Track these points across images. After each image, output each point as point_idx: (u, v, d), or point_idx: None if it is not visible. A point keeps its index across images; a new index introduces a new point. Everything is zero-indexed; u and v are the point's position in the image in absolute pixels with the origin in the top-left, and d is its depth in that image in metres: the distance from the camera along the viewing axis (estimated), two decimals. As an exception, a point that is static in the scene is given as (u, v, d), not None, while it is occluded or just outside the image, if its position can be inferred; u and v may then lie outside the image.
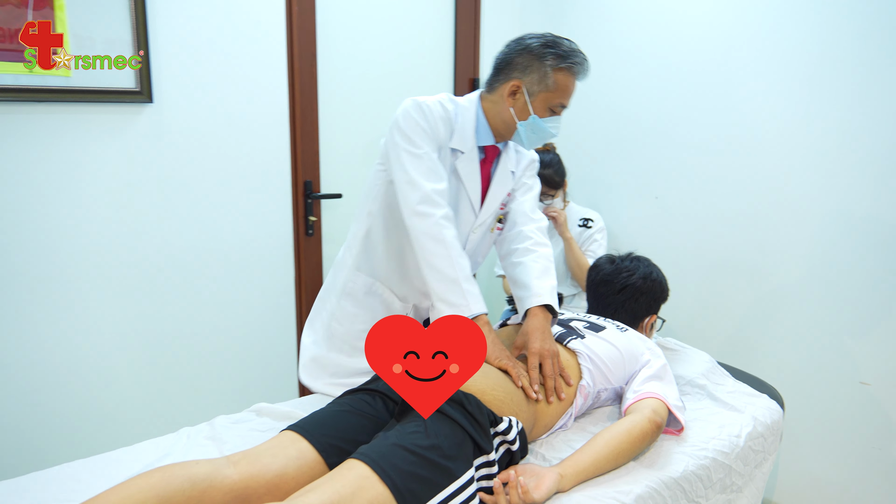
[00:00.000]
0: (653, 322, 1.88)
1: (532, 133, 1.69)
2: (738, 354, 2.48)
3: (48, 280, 2.07)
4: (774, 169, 2.32)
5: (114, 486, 1.07)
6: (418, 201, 1.54)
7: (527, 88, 1.64)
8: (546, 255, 1.76)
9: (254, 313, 2.50)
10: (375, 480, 1.12)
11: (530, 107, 1.65)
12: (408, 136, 1.60)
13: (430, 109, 1.62)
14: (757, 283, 2.41)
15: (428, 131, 1.60)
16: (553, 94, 1.64)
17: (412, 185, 1.56)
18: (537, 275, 1.68)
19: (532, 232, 1.80)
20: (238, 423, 1.51)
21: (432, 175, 1.58)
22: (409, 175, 1.57)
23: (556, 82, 1.63)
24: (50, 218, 2.04)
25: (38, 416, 2.11)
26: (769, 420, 1.67)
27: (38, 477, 1.27)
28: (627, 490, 1.32)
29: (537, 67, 1.62)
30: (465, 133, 1.68)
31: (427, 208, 1.54)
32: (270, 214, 2.50)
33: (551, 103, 1.66)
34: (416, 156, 1.58)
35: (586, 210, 2.72)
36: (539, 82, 1.63)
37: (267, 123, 2.43)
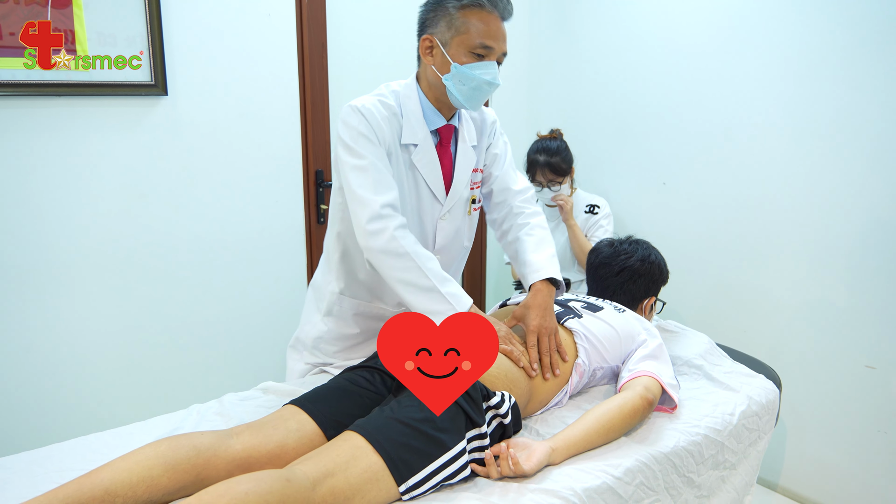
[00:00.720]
0: (652, 304, 1.91)
1: (461, 84, 1.56)
2: (743, 338, 2.50)
3: (67, 270, 2.16)
4: (781, 154, 2.32)
5: (123, 455, 1.14)
6: (368, 219, 1.49)
7: (439, 39, 1.55)
8: (539, 224, 1.77)
9: (267, 299, 2.58)
10: (369, 450, 1.18)
11: (448, 56, 1.55)
12: (349, 148, 1.54)
13: (369, 112, 1.55)
14: (763, 267, 2.43)
15: (370, 136, 1.54)
16: (466, 35, 1.53)
17: (360, 202, 1.51)
18: (533, 248, 1.71)
19: (519, 206, 1.80)
20: (245, 400, 1.58)
21: (379, 186, 1.51)
22: (355, 192, 1.51)
23: (464, 22, 1.52)
24: (68, 208, 2.13)
25: (63, 395, 2.21)
26: (764, 399, 1.70)
27: (57, 448, 1.35)
28: (617, 463, 1.36)
29: (441, 14, 1.54)
30: (413, 124, 1.62)
31: (378, 225, 1.49)
32: (282, 203, 2.57)
33: (469, 46, 1.53)
34: (359, 168, 1.52)
35: (593, 196, 2.75)
36: (448, 28, 1.54)
37: (278, 114, 2.50)
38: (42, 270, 2.11)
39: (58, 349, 2.18)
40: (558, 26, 3.08)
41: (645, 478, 1.38)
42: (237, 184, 2.44)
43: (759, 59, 2.34)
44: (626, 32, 2.79)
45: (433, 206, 1.70)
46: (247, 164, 2.45)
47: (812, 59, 2.19)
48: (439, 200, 1.70)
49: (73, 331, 2.20)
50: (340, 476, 1.12)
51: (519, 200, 1.82)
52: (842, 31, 2.11)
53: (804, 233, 2.29)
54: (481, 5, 1.52)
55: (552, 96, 3.18)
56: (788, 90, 2.27)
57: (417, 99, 1.64)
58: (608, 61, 2.88)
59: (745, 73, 2.38)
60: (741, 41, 2.39)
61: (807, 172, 2.25)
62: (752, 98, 2.38)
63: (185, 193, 2.33)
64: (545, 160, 2.57)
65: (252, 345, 2.57)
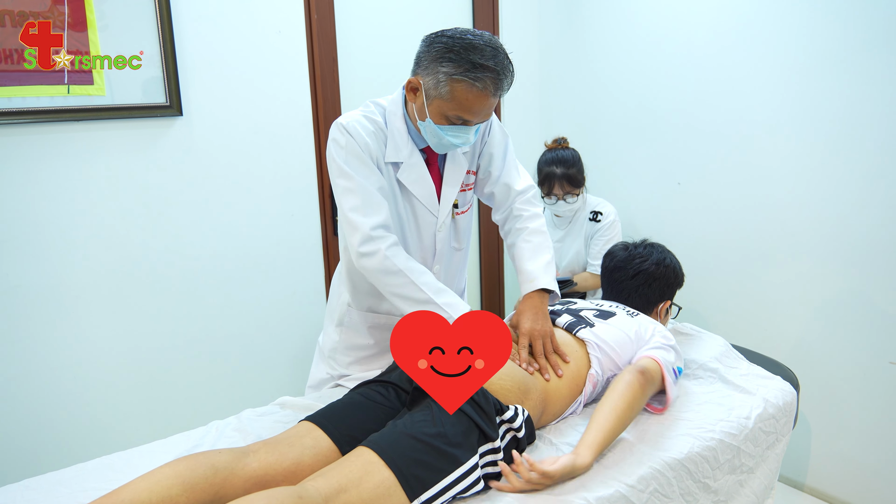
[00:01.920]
0: (667, 308, 1.90)
1: (431, 137, 1.58)
2: (762, 339, 2.47)
3: (87, 289, 2.21)
4: (796, 153, 2.30)
5: (143, 475, 1.17)
6: (360, 242, 1.53)
7: (424, 89, 1.53)
8: (536, 229, 1.76)
9: (285, 312, 2.62)
10: (381, 466, 1.19)
11: (426, 109, 1.54)
12: (339, 168, 1.55)
13: (355, 129, 1.56)
14: (780, 266, 2.40)
15: (358, 154, 1.55)
16: (447, 103, 1.50)
17: (351, 225, 1.54)
18: (529, 256, 1.71)
19: (519, 208, 1.80)
20: (263, 415, 1.61)
21: (369, 208, 1.54)
22: (346, 215, 1.54)
23: (450, 92, 1.48)
24: (87, 229, 2.18)
25: (86, 414, 2.26)
26: (781, 402, 1.68)
27: (81, 468, 1.39)
28: (630, 471, 1.36)
29: (433, 70, 1.49)
30: (398, 141, 1.62)
31: (370, 247, 1.53)
32: (298, 217, 2.60)
33: (446, 112, 1.52)
34: (349, 190, 1.54)
35: (599, 201, 2.70)
36: (434, 87, 1.50)
37: (292, 129, 2.53)
38: (62, 291, 2.17)
39: (79, 368, 2.23)
40: (568, 28, 3.07)
41: (659, 485, 1.38)
42: (253, 200, 2.48)
43: (773, 58, 2.31)
44: (637, 32, 2.78)
45: (428, 220, 1.72)
46: (262, 180, 2.49)
47: (827, 58, 2.16)
48: (433, 213, 1.71)
49: (95, 350, 2.25)
50: (353, 492, 1.14)
51: (520, 202, 1.81)
52: (858, 28, 2.08)
53: (821, 230, 2.26)
54: (472, 82, 1.46)
55: (563, 98, 3.17)
56: (803, 89, 2.24)
57: (403, 117, 1.64)
58: (619, 62, 2.87)
59: (759, 73, 2.36)
60: (754, 40, 2.36)
61: (823, 170, 2.23)
62: (765, 97, 2.36)
63: (202, 211, 2.38)
64: (562, 172, 2.53)
65: (271, 358, 2.61)
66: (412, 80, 1.55)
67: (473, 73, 1.45)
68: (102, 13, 2.08)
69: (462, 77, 1.46)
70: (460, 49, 1.46)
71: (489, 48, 1.47)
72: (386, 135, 1.62)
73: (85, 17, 2.06)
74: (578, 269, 2.71)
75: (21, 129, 2.03)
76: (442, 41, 1.49)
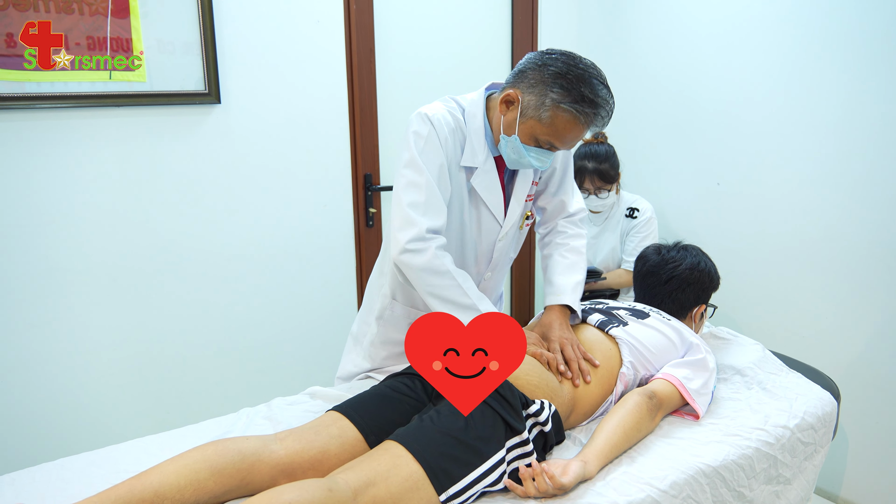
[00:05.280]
0: (702, 312, 1.86)
1: (512, 153, 1.55)
2: (801, 345, 2.41)
3: (125, 275, 2.24)
4: (841, 153, 2.23)
5: (172, 458, 1.18)
6: (410, 239, 1.47)
7: (522, 105, 1.49)
8: (576, 248, 1.75)
9: (317, 302, 2.62)
10: (409, 459, 1.18)
11: (517, 126, 1.51)
12: (412, 158, 1.51)
13: (438, 122, 1.52)
14: (821, 270, 2.33)
15: (437, 149, 1.51)
16: (544, 127, 1.48)
17: (406, 220, 1.48)
18: (562, 271, 1.70)
19: (565, 225, 1.79)
20: (293, 404, 1.61)
21: (430, 210, 1.49)
22: (403, 208, 1.49)
23: (550, 118, 1.46)
24: (124, 216, 2.20)
25: (122, 397, 2.30)
26: (821, 412, 1.63)
27: (113, 449, 1.41)
28: (662, 476, 1.33)
29: (539, 91, 1.45)
30: (475, 145, 1.58)
31: (420, 245, 1.48)
32: (332, 208, 2.60)
33: (538, 136, 1.50)
34: (415, 185, 1.50)
35: (636, 198, 2.66)
36: (535, 108, 1.47)
37: (327, 120, 2.53)
38: (101, 275, 2.20)
39: (118, 352, 2.27)
40: (608, 22, 3.02)
41: (692, 491, 1.35)
42: (286, 189, 2.49)
43: (820, 58, 2.24)
44: (678, 28, 2.72)
45: (492, 228, 1.69)
46: (296, 170, 2.50)
47: (878, 58, 2.09)
48: (499, 222, 1.69)
49: (131, 335, 2.28)
50: (381, 485, 1.14)
51: (567, 221, 1.81)
52: (908, 24, 2.01)
53: (866, 237, 2.19)
54: (577, 114, 1.44)
55: (602, 96, 3.12)
56: (852, 89, 2.17)
57: (482, 120, 1.59)
58: (661, 58, 2.81)
59: (804, 73, 2.29)
60: (800, 39, 2.29)
61: (869, 174, 2.16)
62: (811, 98, 2.29)
63: (236, 199, 2.39)
64: (594, 167, 2.51)
65: (301, 347, 2.62)
66: (510, 94, 1.51)
67: (581, 106, 1.43)
68: (144, 0, 2.10)
69: (569, 107, 1.44)
70: (574, 78, 1.43)
71: (599, 83, 1.45)
72: (465, 135, 1.58)
73: (128, 3, 2.08)
74: (613, 265, 2.68)
75: (63, 114, 2.06)
76: (557, 65, 1.45)
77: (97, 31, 2.05)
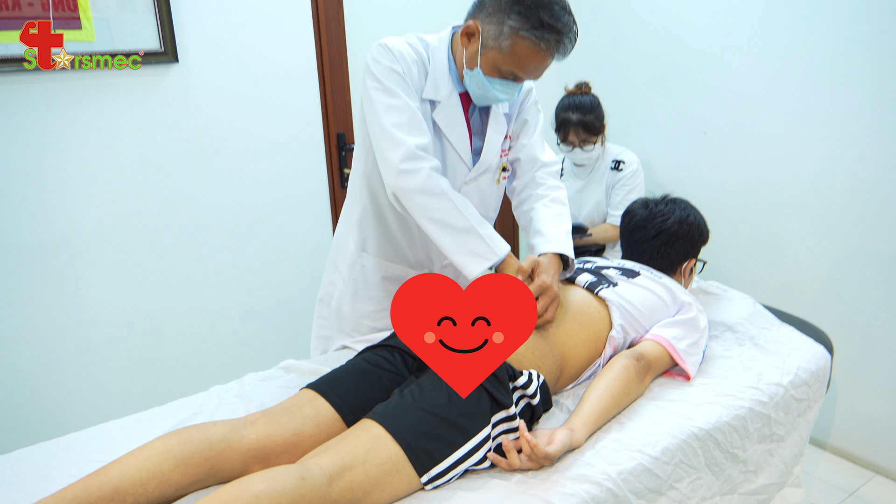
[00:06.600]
0: (691, 266, 1.80)
1: (476, 87, 1.50)
2: (791, 297, 2.37)
3: (82, 247, 2.12)
4: (829, 99, 2.15)
5: (133, 450, 1.10)
6: (402, 158, 1.40)
7: (482, 37, 1.44)
8: (559, 199, 1.66)
9: (291, 270, 2.53)
10: (389, 440, 1.12)
11: (479, 58, 1.45)
12: (382, 85, 1.44)
13: (400, 52, 1.46)
14: (814, 220, 2.28)
15: (403, 76, 1.45)
16: (505, 57, 1.42)
17: (392, 141, 1.41)
18: (549, 220, 1.60)
19: (542, 177, 1.70)
20: (266, 380, 1.54)
21: (414, 128, 1.43)
22: (388, 131, 1.42)
23: (510, 46, 1.40)
24: (81, 184, 2.08)
25: (81, 379, 2.19)
26: (814, 367, 1.58)
27: (74, 438, 1.33)
28: (653, 442, 1.28)
29: (498, 20, 1.40)
30: (439, 78, 1.52)
31: (413, 164, 1.40)
32: (304, 170, 2.49)
33: (500, 66, 1.44)
34: (394, 108, 1.43)
35: (621, 150, 2.57)
36: (494, 37, 1.42)
37: (295, 76, 2.40)
38: (57, 248, 2.08)
39: (74, 329, 2.15)
40: (588, -34, 2.88)
41: (685, 455, 1.30)
42: (256, 151, 2.37)
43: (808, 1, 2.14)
44: (661, -31, 2.59)
45: (458, 169, 1.60)
46: (265, 130, 2.37)
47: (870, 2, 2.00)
48: (465, 163, 1.60)
49: (91, 310, 2.17)
50: (359, 469, 1.07)
51: (544, 172, 1.72)
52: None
53: (857, 182, 2.13)
54: (537, 41, 1.39)
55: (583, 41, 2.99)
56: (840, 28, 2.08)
57: (447, 55, 1.54)
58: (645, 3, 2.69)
59: (791, 12, 2.19)
60: (789, -27, 2.19)
61: (861, 116, 2.08)
62: (799, 39, 2.19)
63: (203, 163, 2.27)
64: (578, 119, 2.41)
65: (276, 317, 2.53)
66: (470, 25, 1.46)
67: (540, 32, 1.38)
68: (89, -49, 1.94)
69: (528, 34, 1.38)
70: (531, 4, 1.37)
71: (559, 7, 1.39)
72: (427, 69, 1.52)
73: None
74: (598, 220, 2.60)
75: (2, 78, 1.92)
76: None
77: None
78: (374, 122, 1.46)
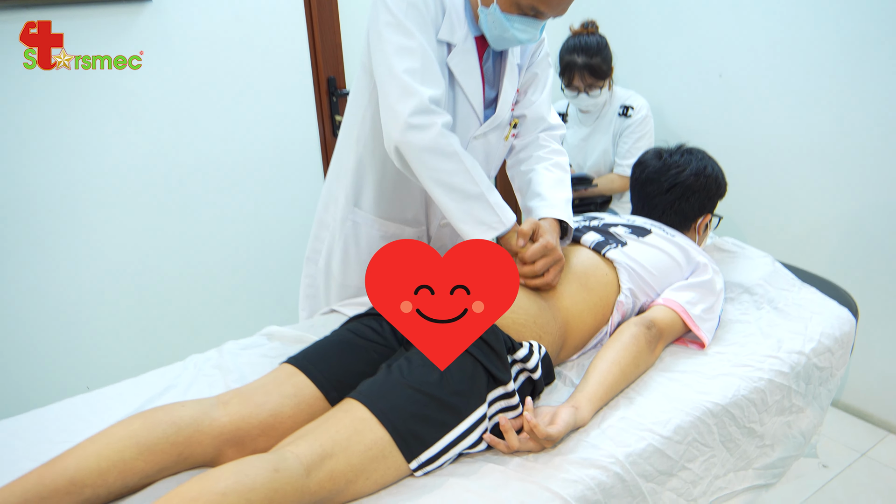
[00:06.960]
0: (707, 222, 1.67)
1: (494, 27, 1.34)
2: (811, 254, 2.26)
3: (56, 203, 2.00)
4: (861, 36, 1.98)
5: (92, 436, 1.00)
6: (412, 111, 1.25)
7: None
8: (562, 165, 1.54)
9: (282, 222, 2.41)
10: (374, 423, 1.01)
11: None
12: (397, 22, 1.28)
13: None
14: (838, 170, 2.15)
15: (422, 11, 1.29)
16: None
17: (404, 90, 1.26)
18: (550, 185, 1.47)
19: (545, 138, 1.58)
20: (247, 348, 1.43)
21: (429, 76, 1.28)
22: (398, 77, 1.27)
23: None
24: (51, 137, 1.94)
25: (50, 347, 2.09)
26: (838, 332, 1.47)
27: (39, 415, 1.23)
28: (665, 420, 1.17)
29: None
30: (454, 20, 1.35)
31: (424, 119, 1.26)
32: (292, 117, 2.35)
33: (520, 1, 1.29)
34: (407, 50, 1.27)
35: (629, 94, 2.41)
36: None
37: (280, 14, 2.24)
38: (28, 205, 1.96)
39: (45, 296, 2.04)
40: None
41: (699, 433, 1.20)
42: (239, 97, 2.22)
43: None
44: None
45: (469, 122, 1.46)
46: (249, 75, 2.22)
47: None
48: (477, 115, 1.46)
49: (63, 273, 2.05)
50: (340, 456, 0.97)
51: (547, 134, 1.58)
52: None
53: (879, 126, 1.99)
54: None
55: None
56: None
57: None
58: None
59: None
60: None
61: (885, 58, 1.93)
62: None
63: (180, 113, 2.12)
64: (584, 62, 2.24)
65: (265, 274, 2.42)
66: None
67: None
68: None
69: None
70: None
71: None
72: (444, 7, 1.35)
73: None
74: (605, 170, 2.47)
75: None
76: None
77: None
78: (382, 64, 1.30)
